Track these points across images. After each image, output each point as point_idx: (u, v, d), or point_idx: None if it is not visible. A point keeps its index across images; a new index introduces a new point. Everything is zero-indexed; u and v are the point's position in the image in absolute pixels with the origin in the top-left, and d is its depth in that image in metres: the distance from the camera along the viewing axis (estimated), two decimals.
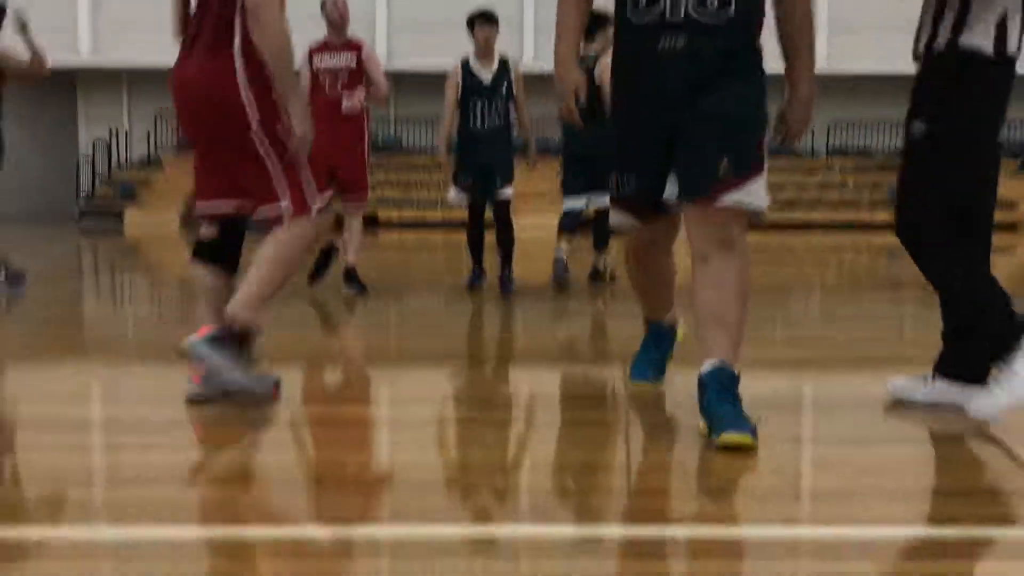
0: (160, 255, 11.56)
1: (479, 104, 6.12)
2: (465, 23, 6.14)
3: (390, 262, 10.04)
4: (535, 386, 3.62)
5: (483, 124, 6.12)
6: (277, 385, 3.05)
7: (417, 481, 2.33)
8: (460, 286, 6.32)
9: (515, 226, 6.27)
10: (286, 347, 4.04)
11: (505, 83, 6.14)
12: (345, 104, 5.90)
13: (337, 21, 5.97)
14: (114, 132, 23.16)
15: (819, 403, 3.37)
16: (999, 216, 3.12)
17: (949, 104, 2.85)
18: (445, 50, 10.45)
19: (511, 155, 6.29)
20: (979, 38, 2.78)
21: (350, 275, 5.99)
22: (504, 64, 6.18)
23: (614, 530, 2.05)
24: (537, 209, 12.79)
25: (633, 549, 1.95)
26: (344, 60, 5.97)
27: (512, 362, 4.30)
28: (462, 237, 6.46)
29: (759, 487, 2.36)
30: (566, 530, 2.04)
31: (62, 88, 23.40)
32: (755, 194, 2.64)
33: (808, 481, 2.49)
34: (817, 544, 1.98)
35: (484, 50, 6.13)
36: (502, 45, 6.41)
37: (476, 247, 6.33)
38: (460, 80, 6.15)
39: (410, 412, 3.09)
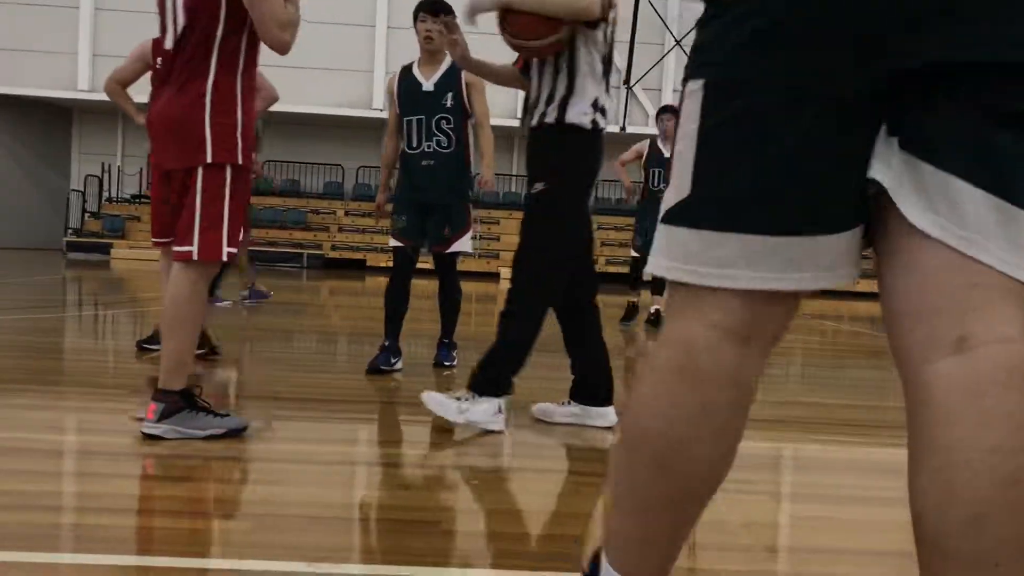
0: (143, 288, 11.50)
1: (416, 121, 4.62)
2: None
3: (361, 304, 10.00)
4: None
5: (421, 146, 4.61)
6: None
7: (389, 520, 2.30)
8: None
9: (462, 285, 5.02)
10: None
11: (452, 93, 4.58)
12: None
13: None
14: (107, 167, 23.27)
15: (798, 463, 3.36)
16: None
17: (557, 168, 3.37)
18: None
19: (463, 193, 4.75)
20: (578, 116, 3.31)
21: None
22: (453, 69, 4.60)
23: None
24: None
25: None
26: None
27: None
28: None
29: (732, 543, 2.34)
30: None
31: (59, 122, 23.55)
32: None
33: (784, 539, 2.47)
34: None
35: (425, 51, 4.63)
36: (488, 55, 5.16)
37: (392, 312, 4.76)
38: (396, 90, 4.70)
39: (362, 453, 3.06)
